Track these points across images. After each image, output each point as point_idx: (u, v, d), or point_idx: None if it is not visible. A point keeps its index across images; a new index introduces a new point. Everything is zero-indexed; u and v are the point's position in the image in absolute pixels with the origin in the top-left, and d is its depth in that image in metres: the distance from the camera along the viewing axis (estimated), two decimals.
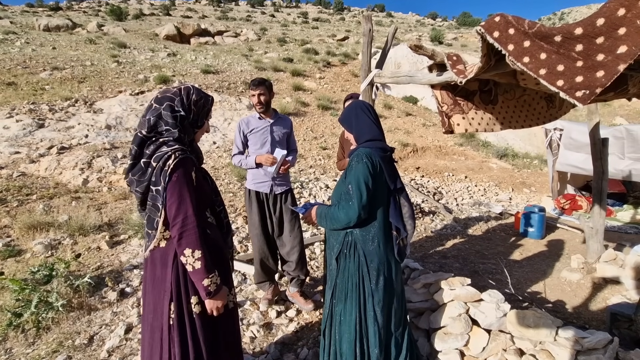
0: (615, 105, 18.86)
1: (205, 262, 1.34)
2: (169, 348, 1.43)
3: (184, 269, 1.39)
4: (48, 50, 12.86)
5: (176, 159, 1.34)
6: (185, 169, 1.37)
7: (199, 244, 1.33)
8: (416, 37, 26.26)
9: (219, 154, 7.26)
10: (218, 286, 1.39)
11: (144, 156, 1.39)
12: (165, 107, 1.41)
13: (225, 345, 1.56)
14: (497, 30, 1.25)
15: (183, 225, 1.33)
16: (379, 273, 1.66)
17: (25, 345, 2.38)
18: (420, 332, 2.23)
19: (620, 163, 5.42)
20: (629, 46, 1.03)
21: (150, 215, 1.41)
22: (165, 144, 1.39)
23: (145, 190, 1.40)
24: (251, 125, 2.73)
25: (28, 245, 3.57)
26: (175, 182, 1.34)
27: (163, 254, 1.43)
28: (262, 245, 2.78)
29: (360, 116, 1.72)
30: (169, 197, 1.34)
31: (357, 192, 1.56)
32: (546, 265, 3.85)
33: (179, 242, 1.33)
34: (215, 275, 1.38)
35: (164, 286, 1.42)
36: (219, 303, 1.42)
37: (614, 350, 1.61)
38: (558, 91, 1.13)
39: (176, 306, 1.41)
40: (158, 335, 1.45)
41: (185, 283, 1.41)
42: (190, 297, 1.43)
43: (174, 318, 1.41)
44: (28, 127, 6.47)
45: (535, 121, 2.40)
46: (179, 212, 1.33)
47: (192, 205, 1.35)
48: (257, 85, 2.65)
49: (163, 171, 1.34)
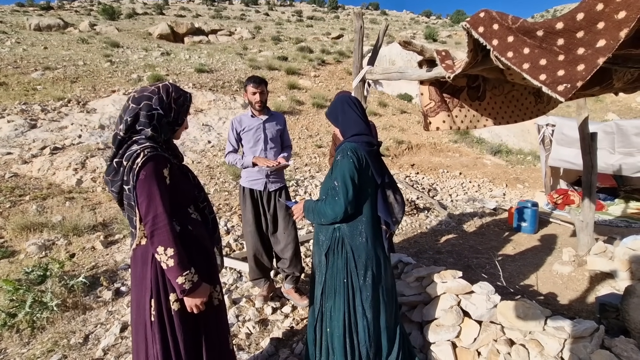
0: (607, 101, 19.07)
1: (178, 259, 1.31)
2: (152, 344, 1.41)
3: (162, 267, 1.37)
4: (39, 50, 12.71)
5: (145, 157, 1.32)
6: (155, 166, 1.34)
7: (171, 241, 1.30)
8: (410, 35, 26.30)
9: (214, 153, 7.24)
10: (195, 284, 1.36)
11: (118, 156, 1.38)
12: (143, 107, 1.38)
13: (210, 343, 1.52)
14: (482, 25, 1.28)
15: (154, 223, 1.31)
16: (367, 268, 1.66)
17: (20, 345, 2.37)
18: (414, 325, 2.26)
19: (611, 158, 5.50)
20: (608, 40, 1.06)
21: (129, 214, 1.41)
22: (136, 143, 1.37)
23: (119, 190, 1.39)
24: (244, 123, 2.72)
25: (21, 246, 3.55)
26: (143, 180, 1.31)
27: (144, 252, 1.42)
28: (256, 242, 2.78)
29: (346, 110, 1.71)
30: (138, 195, 1.32)
31: (343, 187, 1.56)
32: (539, 258, 3.90)
33: (151, 240, 1.32)
34: (191, 272, 1.35)
35: (145, 283, 1.42)
36: (198, 301, 1.39)
37: (599, 337, 1.66)
38: (541, 85, 1.16)
39: (156, 303, 1.40)
40: (142, 332, 1.45)
41: (164, 281, 1.40)
42: (169, 294, 1.41)
43: (154, 315, 1.40)
44: (20, 128, 6.41)
45: (522, 116, 2.44)
46: (149, 211, 1.31)
47: (163, 202, 1.32)
48: (258, 84, 2.59)
49: (132, 170, 1.32)
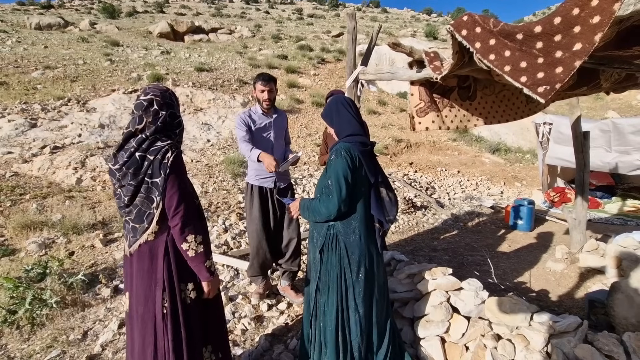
0: (607, 99, 19.00)
1: (207, 246, 1.48)
2: (163, 336, 1.50)
3: (175, 259, 1.48)
4: (40, 49, 12.75)
5: (174, 153, 1.45)
6: (181, 161, 1.49)
7: (202, 229, 1.47)
8: (411, 33, 26.25)
9: (213, 152, 7.28)
10: (215, 268, 1.54)
11: (139, 150, 1.45)
12: (170, 114, 1.53)
13: (213, 328, 1.67)
14: (465, 28, 1.31)
15: (186, 213, 1.43)
16: (360, 265, 1.71)
17: (20, 341, 2.42)
18: (405, 320, 2.30)
19: (607, 156, 5.52)
20: (584, 43, 1.10)
21: (142, 208, 1.46)
22: (159, 140, 1.49)
23: (139, 183, 1.46)
24: (254, 119, 2.67)
25: (22, 244, 3.60)
26: (175, 173, 1.45)
27: (152, 247, 1.48)
28: (261, 240, 2.74)
29: (341, 111, 1.76)
30: (169, 188, 1.43)
31: (337, 186, 1.61)
32: (533, 256, 3.94)
33: (181, 230, 1.43)
34: (212, 258, 1.53)
35: (154, 277, 1.48)
36: (218, 284, 1.59)
37: (583, 332, 1.70)
38: (522, 87, 1.19)
39: (169, 296, 1.49)
40: (151, 325, 1.50)
41: (177, 272, 1.50)
42: (187, 284, 1.53)
43: (167, 307, 1.48)
44: (20, 127, 6.46)
45: (513, 116, 2.47)
46: (180, 202, 1.43)
47: (193, 194, 1.50)
48: (267, 82, 2.55)
49: (162, 164, 1.43)
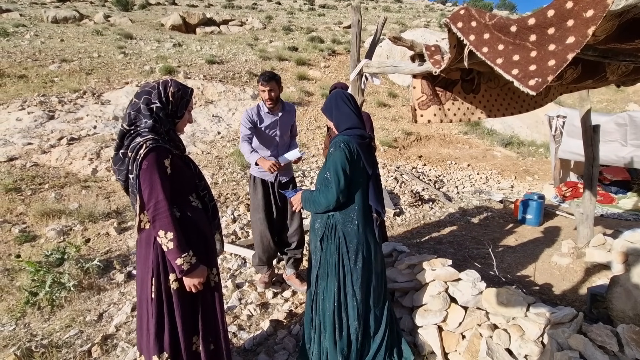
0: (629, 91, 18.29)
1: (177, 242, 1.43)
2: (150, 319, 1.56)
3: (162, 249, 1.50)
4: (56, 42, 13.06)
5: (147, 148, 1.43)
6: (156, 157, 1.45)
7: (171, 226, 1.42)
8: (424, 23, 25.72)
9: (223, 144, 7.39)
10: (193, 265, 1.48)
11: (123, 147, 1.52)
12: (143, 101, 1.52)
13: (205, 320, 1.65)
14: (461, 21, 1.33)
15: (155, 209, 1.43)
16: (358, 253, 1.77)
17: (42, 321, 2.59)
18: (405, 310, 2.36)
19: (623, 150, 5.38)
20: (577, 37, 1.10)
21: (133, 201, 1.56)
22: (139, 135, 1.50)
23: (125, 178, 1.54)
24: (260, 118, 2.71)
25: (42, 231, 3.80)
26: (145, 169, 1.43)
27: (147, 235, 1.55)
28: (264, 229, 2.81)
29: (340, 106, 1.81)
30: (141, 183, 1.44)
31: (335, 177, 1.67)
32: (539, 250, 3.92)
33: (153, 225, 1.45)
34: (189, 255, 1.47)
35: (147, 264, 1.56)
36: (195, 281, 1.52)
37: (577, 324, 1.72)
38: (512, 79, 1.21)
39: (156, 282, 1.54)
40: (145, 307, 1.60)
41: (164, 262, 1.53)
42: (169, 274, 1.55)
43: (154, 292, 1.54)
44: (39, 119, 6.69)
45: (518, 109, 2.44)
46: (150, 198, 1.43)
47: (163, 190, 1.44)
48: (267, 81, 2.56)
49: (135, 160, 1.44)
